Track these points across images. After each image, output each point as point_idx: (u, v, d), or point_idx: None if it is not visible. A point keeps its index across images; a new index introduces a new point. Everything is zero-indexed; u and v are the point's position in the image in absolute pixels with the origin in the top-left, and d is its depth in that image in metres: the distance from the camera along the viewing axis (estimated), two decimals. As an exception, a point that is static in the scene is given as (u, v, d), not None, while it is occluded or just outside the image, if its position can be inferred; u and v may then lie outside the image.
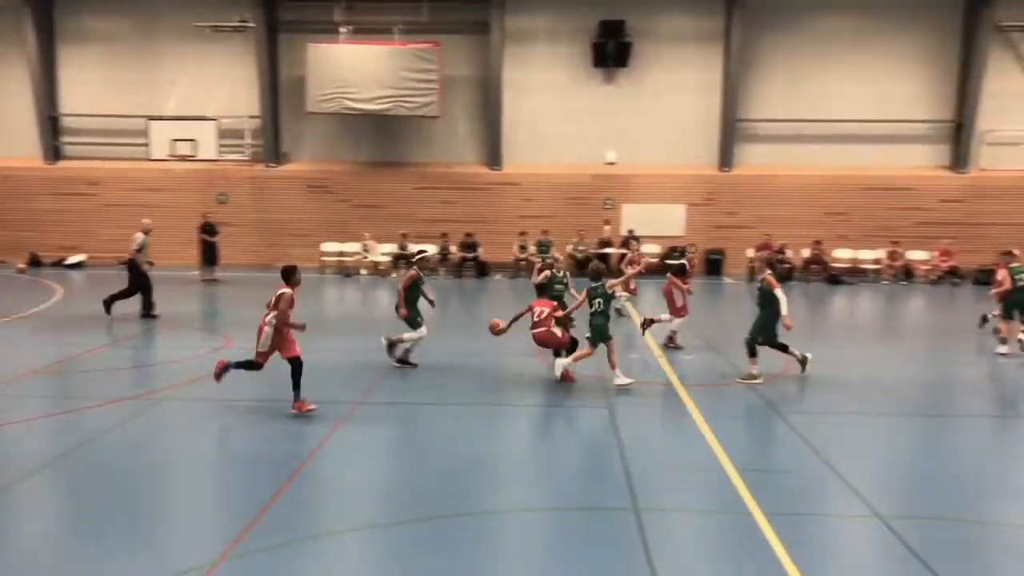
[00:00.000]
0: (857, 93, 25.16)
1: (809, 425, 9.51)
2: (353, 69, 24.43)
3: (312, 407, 9.58)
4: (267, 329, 9.57)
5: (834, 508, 7.21)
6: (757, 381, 11.33)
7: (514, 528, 6.80)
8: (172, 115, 25.63)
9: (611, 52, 24.94)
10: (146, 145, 25.21)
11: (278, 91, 26.07)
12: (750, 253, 24.19)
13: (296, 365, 9.55)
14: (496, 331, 11.60)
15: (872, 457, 8.70)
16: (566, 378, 11.23)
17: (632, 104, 25.65)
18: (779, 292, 11.19)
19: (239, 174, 26.19)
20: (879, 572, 6.12)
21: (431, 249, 24.85)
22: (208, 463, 8.36)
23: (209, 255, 22.46)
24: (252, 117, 25.97)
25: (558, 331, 11.31)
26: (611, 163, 25.95)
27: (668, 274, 13.91)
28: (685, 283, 13.74)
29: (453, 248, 24.68)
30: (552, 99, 25.77)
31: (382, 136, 26.21)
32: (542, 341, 11.44)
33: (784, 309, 11.12)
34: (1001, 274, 13.92)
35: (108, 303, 15.95)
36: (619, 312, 16.36)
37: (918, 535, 6.46)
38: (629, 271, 14.17)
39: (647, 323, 13.60)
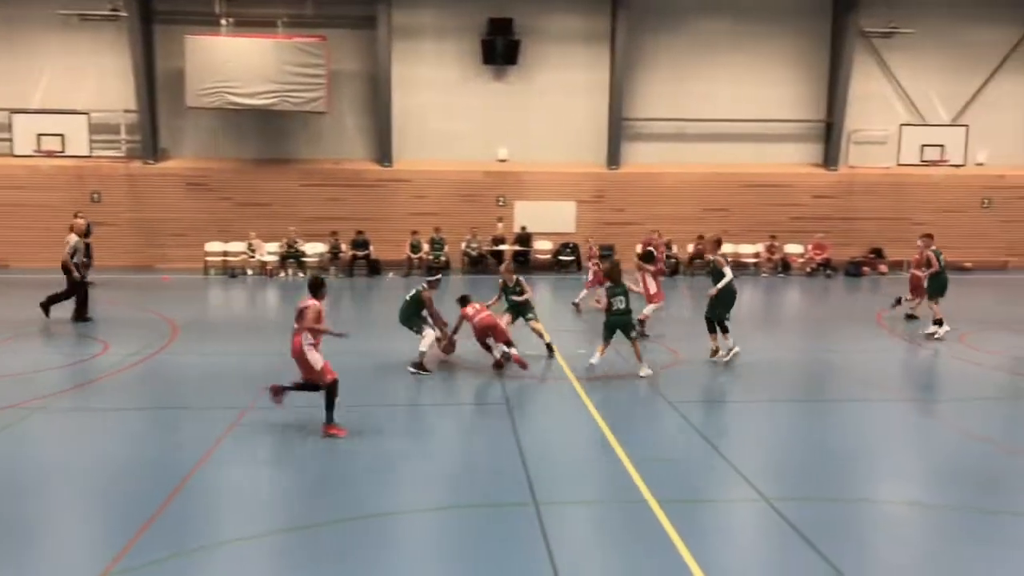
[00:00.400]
0: (737, 94, 26.20)
1: (698, 413, 9.83)
2: (235, 63, 23.61)
3: (344, 432, 8.84)
4: (307, 350, 8.89)
5: (723, 493, 7.47)
6: (726, 355, 12.32)
7: (414, 529, 6.73)
8: (38, 108, 24.11)
9: (500, 50, 25.04)
10: (9, 140, 23.60)
11: (155, 84, 24.92)
12: (638, 249, 24.79)
13: (330, 387, 8.93)
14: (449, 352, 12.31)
15: (757, 442, 9.06)
16: (520, 363, 11.62)
17: (522, 102, 25.86)
18: (727, 270, 12.31)
19: (114, 171, 24.91)
20: (766, 552, 6.37)
21: (321, 248, 24.40)
22: (88, 476, 7.86)
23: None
24: (127, 111, 24.74)
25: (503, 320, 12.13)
26: (503, 160, 26.09)
27: (638, 264, 14.74)
28: (656, 269, 14.61)
29: (344, 247, 24.26)
30: (442, 96, 25.68)
31: (267, 132, 25.48)
32: (488, 327, 11.78)
33: (721, 284, 12.25)
34: (929, 256, 14.71)
35: (46, 305, 15.54)
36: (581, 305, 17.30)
37: (801, 515, 6.76)
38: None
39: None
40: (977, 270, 25.20)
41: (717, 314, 12.43)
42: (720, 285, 12.24)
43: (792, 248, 25.65)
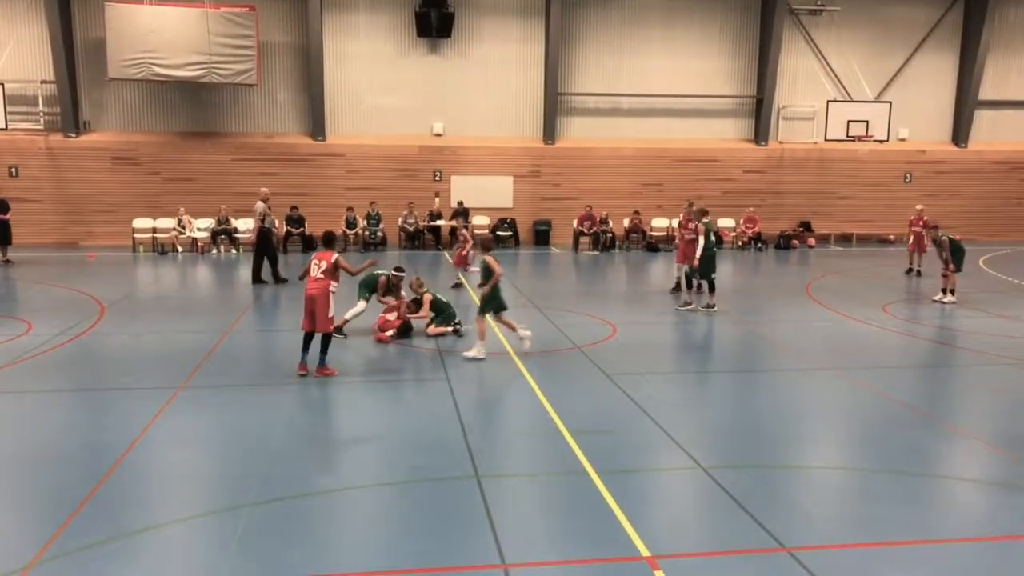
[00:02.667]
0: (669, 70, 26.46)
1: (634, 385, 9.98)
2: (160, 33, 22.77)
3: (336, 372, 10.19)
4: (331, 296, 10.08)
5: (661, 462, 7.64)
6: (712, 309, 14.35)
7: (355, 505, 6.70)
8: (-52, 78, 22.97)
9: (434, 22, 24.73)
10: (-83, 112, 22.47)
11: (74, 54, 23.93)
12: (575, 224, 25.00)
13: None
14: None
15: (692, 412, 9.28)
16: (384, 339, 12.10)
17: (458, 75, 25.64)
18: (700, 238, 14.26)
19: (33, 145, 23.92)
20: (704, 519, 6.55)
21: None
22: (14, 460, 7.60)
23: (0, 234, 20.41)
24: (45, 82, 23.74)
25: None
26: (438, 135, 25.88)
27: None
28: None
29: (277, 222, 23.76)
30: (376, 68, 25.30)
31: (196, 104, 24.75)
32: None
33: (698, 252, 14.35)
34: (943, 243, 15.77)
35: (256, 275, 17.29)
36: (458, 285, 17.03)
37: (736, 482, 6.97)
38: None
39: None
40: (900, 242, 26.09)
41: (700, 274, 14.50)
42: (698, 254, 14.22)
43: (724, 223, 26.11)
